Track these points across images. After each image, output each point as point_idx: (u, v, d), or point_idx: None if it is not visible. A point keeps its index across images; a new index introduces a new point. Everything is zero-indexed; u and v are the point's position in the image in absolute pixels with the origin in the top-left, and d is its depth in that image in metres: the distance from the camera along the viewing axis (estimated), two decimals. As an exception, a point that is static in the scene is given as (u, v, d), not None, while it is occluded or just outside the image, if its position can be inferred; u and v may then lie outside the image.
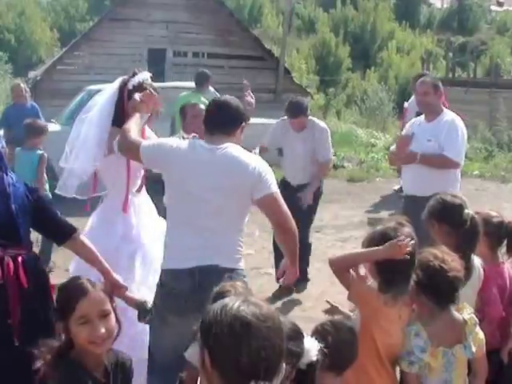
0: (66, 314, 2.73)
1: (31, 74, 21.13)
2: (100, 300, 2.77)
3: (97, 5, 36.26)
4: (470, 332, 3.30)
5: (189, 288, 3.70)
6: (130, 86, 4.52)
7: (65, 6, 37.59)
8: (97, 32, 18.48)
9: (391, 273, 3.20)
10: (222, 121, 3.96)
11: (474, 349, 3.29)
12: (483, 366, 3.42)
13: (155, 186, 4.74)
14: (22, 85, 10.90)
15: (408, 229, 3.33)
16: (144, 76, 4.58)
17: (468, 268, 3.72)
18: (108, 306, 2.79)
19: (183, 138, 5.15)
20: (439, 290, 3.28)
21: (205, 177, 3.78)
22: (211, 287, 3.44)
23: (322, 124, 7.39)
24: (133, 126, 4.16)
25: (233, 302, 2.00)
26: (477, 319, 3.39)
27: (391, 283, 3.22)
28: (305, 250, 7.15)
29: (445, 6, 47.08)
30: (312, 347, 2.90)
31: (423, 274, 3.28)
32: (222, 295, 3.20)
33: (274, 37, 31.10)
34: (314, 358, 2.86)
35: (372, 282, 3.30)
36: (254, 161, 3.86)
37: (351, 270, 3.31)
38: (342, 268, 3.30)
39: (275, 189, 3.83)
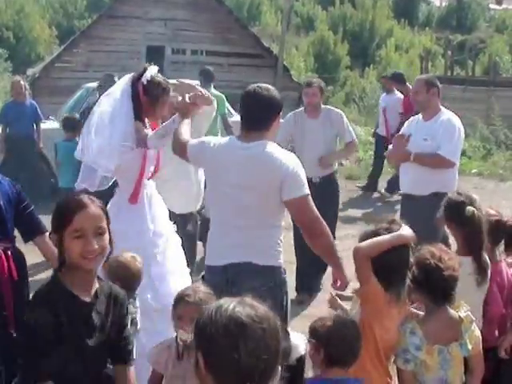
0: (62, 226, 2.69)
1: (30, 72, 21.09)
2: (97, 216, 2.72)
3: (95, 2, 36.15)
4: (465, 330, 3.31)
5: (222, 283, 3.75)
6: (144, 81, 4.63)
7: (63, 4, 37.48)
8: (95, 29, 18.48)
9: (387, 272, 3.21)
10: (257, 117, 3.90)
11: (470, 346, 3.30)
12: (480, 364, 3.43)
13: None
14: (22, 82, 10.87)
15: (399, 227, 3.36)
16: (154, 70, 4.72)
17: (482, 265, 3.74)
18: (104, 224, 2.74)
19: None
20: (435, 288, 3.29)
21: (235, 176, 3.80)
22: (243, 283, 3.61)
23: (337, 109, 7.33)
24: (185, 127, 4.24)
25: (228, 303, 1.99)
26: (473, 317, 3.40)
27: (390, 283, 3.23)
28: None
29: (443, 3, 47.06)
30: (300, 342, 2.93)
31: (419, 272, 3.29)
32: (181, 298, 3.25)
33: (273, 34, 31.03)
34: (303, 352, 2.90)
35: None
36: (285, 160, 3.78)
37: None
38: (366, 256, 3.23)
39: (305, 191, 3.76)
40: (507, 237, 4.13)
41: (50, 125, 11.47)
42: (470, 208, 3.83)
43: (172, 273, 4.56)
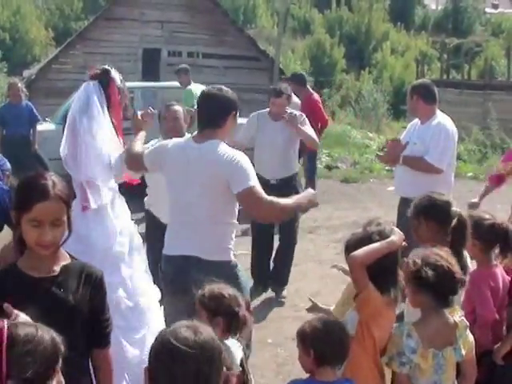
0: (22, 210, 2.66)
1: (26, 73, 21.08)
2: (57, 209, 2.67)
3: (92, 4, 36.14)
4: (460, 335, 3.31)
5: (172, 272, 4.03)
6: (118, 82, 4.72)
7: (60, 5, 37.47)
8: (92, 31, 18.48)
9: (381, 276, 3.22)
10: (207, 115, 4.04)
11: (463, 352, 3.30)
12: (472, 369, 3.43)
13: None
14: (19, 84, 10.92)
15: (388, 227, 3.37)
16: (114, 70, 4.82)
17: (463, 266, 3.73)
18: (63, 217, 2.70)
19: None
20: (443, 289, 3.27)
21: (183, 175, 3.95)
22: (189, 275, 3.82)
23: (300, 113, 7.24)
24: (138, 142, 4.45)
25: (179, 326, 2.17)
26: (467, 322, 3.41)
27: (385, 286, 3.24)
28: (289, 252, 7.10)
29: (439, 7, 47.16)
30: (236, 348, 3.03)
31: (433, 274, 3.22)
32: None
33: (269, 37, 31.08)
34: (241, 355, 3.01)
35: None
36: (231, 157, 3.88)
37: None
38: (362, 264, 3.20)
39: (249, 183, 3.83)
40: (502, 240, 4.12)
41: (47, 126, 11.48)
42: (455, 209, 3.82)
43: (138, 271, 4.58)
